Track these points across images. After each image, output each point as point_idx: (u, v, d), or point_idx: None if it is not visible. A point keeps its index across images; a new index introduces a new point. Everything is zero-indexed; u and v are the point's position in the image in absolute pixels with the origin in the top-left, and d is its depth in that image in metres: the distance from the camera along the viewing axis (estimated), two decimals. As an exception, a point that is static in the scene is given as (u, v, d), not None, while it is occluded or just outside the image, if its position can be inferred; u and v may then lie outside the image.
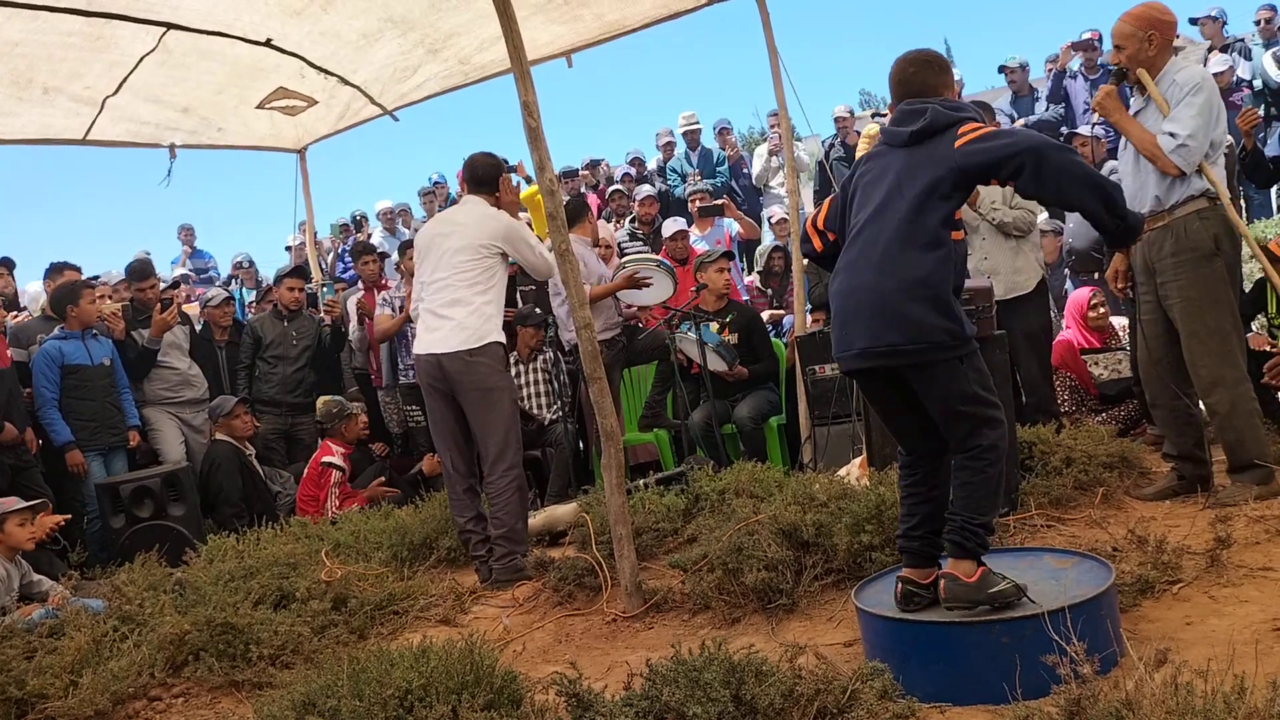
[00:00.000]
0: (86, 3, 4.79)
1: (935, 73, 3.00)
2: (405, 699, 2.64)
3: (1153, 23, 3.95)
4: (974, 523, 2.76)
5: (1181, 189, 3.94)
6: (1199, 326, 3.95)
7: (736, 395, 6.13)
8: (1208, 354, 3.94)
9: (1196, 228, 3.93)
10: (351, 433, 6.25)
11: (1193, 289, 3.95)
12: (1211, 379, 3.95)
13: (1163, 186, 3.96)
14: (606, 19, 5.90)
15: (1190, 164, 3.88)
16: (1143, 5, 4.01)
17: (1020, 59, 9.72)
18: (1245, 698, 1.99)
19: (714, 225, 8.23)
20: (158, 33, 5.29)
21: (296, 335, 6.88)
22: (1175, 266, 3.98)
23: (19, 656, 3.72)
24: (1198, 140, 3.86)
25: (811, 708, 2.46)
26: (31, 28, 4.82)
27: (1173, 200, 3.95)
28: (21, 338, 6.23)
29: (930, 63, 3.01)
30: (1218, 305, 3.95)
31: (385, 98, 6.63)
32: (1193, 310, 3.96)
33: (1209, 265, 3.94)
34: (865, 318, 2.81)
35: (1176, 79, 3.94)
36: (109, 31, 5.13)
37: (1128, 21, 4.00)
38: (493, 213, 4.62)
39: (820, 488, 3.95)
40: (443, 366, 4.42)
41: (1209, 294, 3.94)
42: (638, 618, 3.79)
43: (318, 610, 3.99)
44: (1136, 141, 3.98)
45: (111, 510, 5.58)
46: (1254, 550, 3.34)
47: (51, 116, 5.77)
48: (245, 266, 10.28)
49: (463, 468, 4.58)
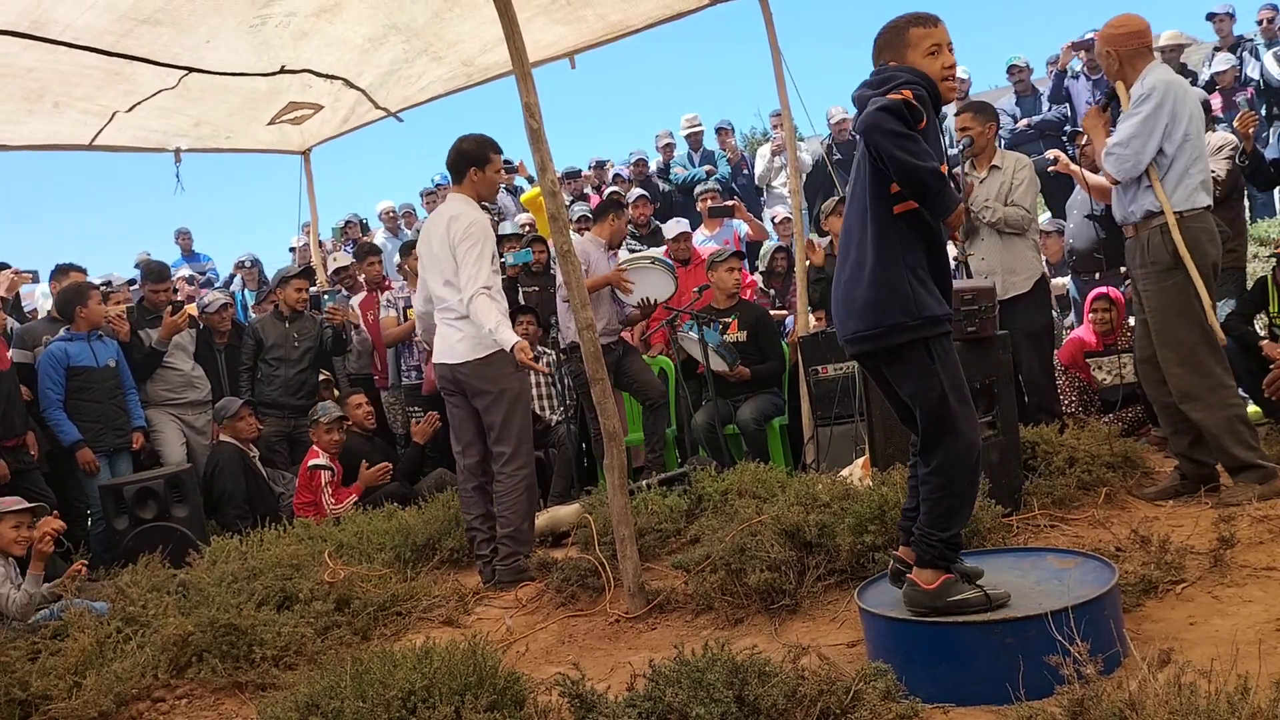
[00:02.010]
0: (111, 44, 4.81)
1: (887, 46, 2.83)
2: (408, 700, 2.65)
3: (1109, 40, 4.04)
4: (931, 536, 2.76)
5: (1140, 200, 4.00)
6: (1167, 337, 4.02)
7: (739, 396, 6.13)
8: (1177, 365, 4.00)
9: (1157, 242, 4.00)
10: (324, 439, 6.17)
11: (1156, 300, 4.03)
12: (1183, 390, 4.00)
13: (1129, 200, 4.05)
14: (609, 19, 5.90)
15: (1122, 171, 3.95)
16: (1110, 22, 4.07)
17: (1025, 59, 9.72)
18: (1249, 698, 1.98)
19: (723, 225, 8.23)
20: (179, 74, 5.36)
21: (298, 337, 6.88)
22: (1144, 278, 4.08)
23: (23, 658, 3.74)
24: (1130, 148, 3.92)
25: (815, 708, 2.46)
26: (49, 58, 4.83)
27: (1134, 212, 4.03)
28: (27, 339, 6.25)
29: (887, 30, 2.84)
30: (1181, 317, 3.98)
31: (389, 100, 6.65)
32: (1160, 321, 4.03)
33: (1170, 278, 3.98)
34: (838, 308, 2.87)
35: (1141, 88, 3.97)
36: (127, 69, 5.16)
37: (1102, 38, 4.10)
38: (455, 212, 4.49)
39: (823, 488, 3.95)
40: (456, 375, 4.50)
41: (1171, 306, 3.99)
42: (641, 618, 3.79)
43: (321, 611, 3.99)
44: (1095, 154, 4.12)
45: (115, 512, 5.58)
46: (1257, 550, 3.34)
47: (59, 124, 5.79)
48: (248, 266, 10.29)
49: (475, 466, 4.63)
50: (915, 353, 2.73)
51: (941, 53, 2.77)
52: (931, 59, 2.76)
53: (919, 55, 2.76)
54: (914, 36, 2.78)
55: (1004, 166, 5.28)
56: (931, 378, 2.72)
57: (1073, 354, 5.70)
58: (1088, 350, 5.68)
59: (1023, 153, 6.10)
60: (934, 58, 2.77)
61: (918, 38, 2.78)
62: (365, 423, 6.55)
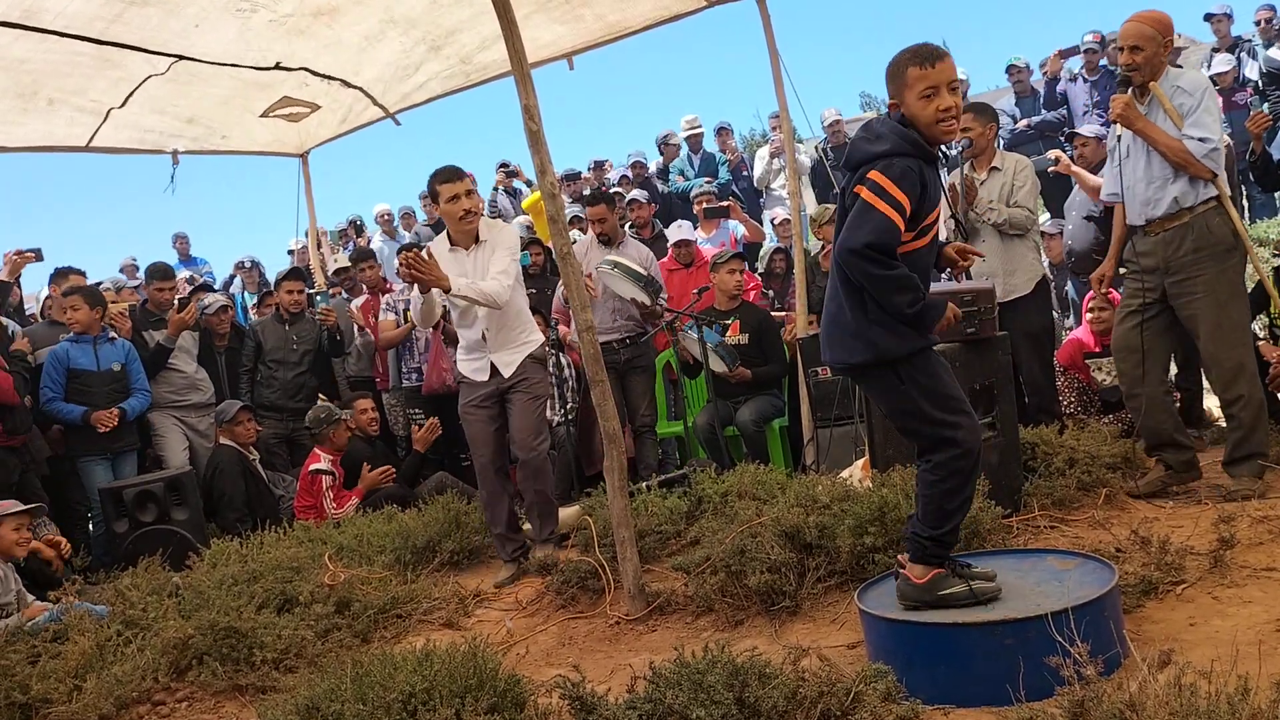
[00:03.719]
0: (100, 32, 4.80)
1: (890, 80, 2.82)
2: (409, 703, 2.65)
3: (1168, 27, 4.04)
4: (922, 534, 2.82)
5: (1204, 190, 4.02)
6: (1223, 319, 4.04)
7: (739, 397, 6.13)
8: (1231, 345, 4.04)
9: (1217, 223, 4.03)
10: (340, 439, 6.21)
11: (1217, 282, 4.04)
12: (1235, 369, 4.04)
13: (1184, 189, 4.04)
14: (607, 20, 5.90)
15: (1221, 166, 4.00)
16: (1153, 10, 4.07)
17: (1025, 60, 9.73)
18: (1249, 699, 1.98)
19: (719, 227, 8.23)
20: (169, 61, 5.33)
21: (297, 339, 6.88)
22: (1197, 262, 4.05)
23: (23, 661, 3.73)
24: (1222, 143, 4.01)
25: (815, 710, 2.46)
26: (40, 47, 4.82)
27: (1194, 201, 4.03)
28: (29, 342, 6.25)
29: (892, 64, 2.81)
30: (1238, 298, 4.08)
31: (387, 99, 6.64)
32: (1217, 304, 4.04)
33: (1230, 259, 4.05)
34: (822, 333, 2.98)
35: (1180, 84, 4.03)
36: (118, 56, 5.14)
37: (1145, 23, 4.03)
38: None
39: (823, 490, 3.95)
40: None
41: (1231, 287, 4.06)
42: (641, 620, 3.79)
43: (321, 614, 4.00)
44: (1164, 148, 4.03)
45: (115, 515, 5.58)
46: (1257, 551, 3.34)
47: (55, 125, 5.78)
48: (248, 268, 10.28)
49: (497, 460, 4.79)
50: (882, 374, 2.83)
51: (938, 95, 2.71)
52: (925, 102, 2.72)
53: (913, 97, 2.73)
54: (910, 78, 2.74)
55: (1004, 168, 5.28)
56: (901, 398, 2.81)
57: (1071, 355, 5.69)
58: (1086, 351, 5.68)
59: (1023, 153, 6.10)
60: (928, 101, 2.72)
61: (913, 79, 2.73)
62: (369, 429, 6.54)
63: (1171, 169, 4.02)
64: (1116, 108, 4.12)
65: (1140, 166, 4.14)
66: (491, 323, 4.69)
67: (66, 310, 6.06)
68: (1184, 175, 4.01)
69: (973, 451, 2.77)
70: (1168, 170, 4.04)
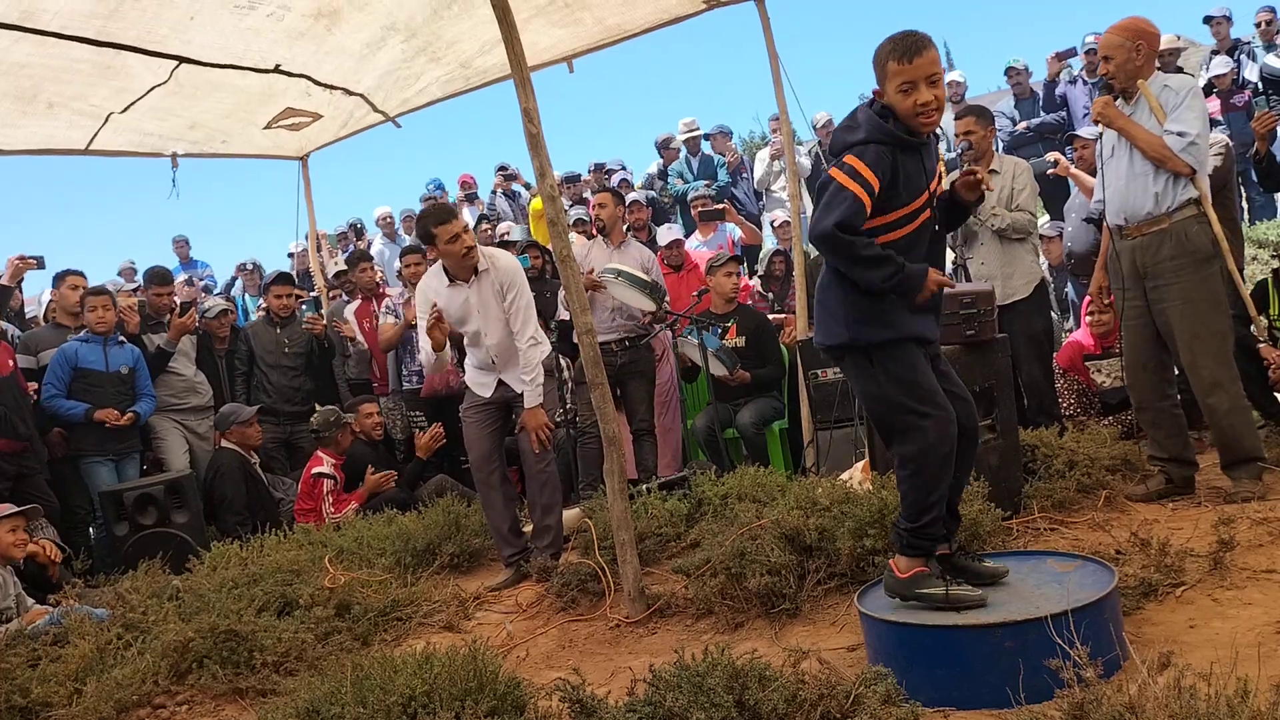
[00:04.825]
0: (96, 32, 4.79)
1: (874, 67, 2.82)
2: (409, 705, 2.65)
3: (1140, 33, 4.03)
4: (900, 525, 2.89)
5: (1181, 192, 3.99)
6: (1200, 329, 4.00)
7: (739, 400, 6.13)
8: (1209, 355, 4.00)
9: (1196, 231, 3.99)
10: (345, 441, 6.22)
11: (1194, 291, 4.00)
12: (1212, 380, 4.01)
13: (1163, 190, 4.01)
14: (607, 23, 5.91)
15: (1200, 162, 3.96)
16: (1129, 18, 4.08)
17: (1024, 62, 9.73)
18: (1249, 701, 1.99)
19: (716, 230, 8.22)
20: (169, 66, 5.32)
21: (289, 342, 6.88)
22: (1175, 270, 4.02)
23: (23, 664, 3.74)
24: (1204, 139, 3.96)
25: (815, 713, 2.46)
26: (39, 52, 4.82)
27: (1171, 204, 4.00)
28: (31, 345, 6.26)
29: (876, 54, 2.81)
30: (1217, 307, 4.02)
31: (388, 104, 6.65)
32: (1194, 312, 4.00)
33: (1209, 267, 4.00)
34: (814, 315, 3.08)
35: (1169, 84, 4.03)
36: (119, 61, 5.14)
37: (1115, 33, 4.08)
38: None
39: (823, 492, 3.95)
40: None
41: (1209, 296, 4.00)
42: (641, 623, 3.79)
43: (321, 617, 4.00)
44: (1144, 144, 4.02)
45: (115, 518, 5.58)
46: (1257, 553, 3.34)
47: (54, 127, 5.79)
48: (250, 270, 10.28)
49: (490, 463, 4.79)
50: (855, 357, 2.89)
51: (915, 90, 2.71)
52: (903, 96, 2.74)
53: (892, 90, 2.76)
54: (890, 71, 2.75)
55: (1003, 171, 5.29)
56: (872, 382, 2.87)
57: (1071, 357, 5.69)
58: (1086, 353, 5.68)
59: (1022, 156, 6.11)
60: (905, 95, 2.73)
61: (892, 73, 2.75)
62: (373, 433, 6.54)
63: (1152, 166, 4.01)
64: (1097, 107, 4.18)
65: (1123, 165, 4.12)
66: (500, 351, 4.71)
67: (96, 309, 6.06)
68: (1164, 173, 3.99)
69: (940, 442, 2.77)
70: (1148, 167, 4.02)
